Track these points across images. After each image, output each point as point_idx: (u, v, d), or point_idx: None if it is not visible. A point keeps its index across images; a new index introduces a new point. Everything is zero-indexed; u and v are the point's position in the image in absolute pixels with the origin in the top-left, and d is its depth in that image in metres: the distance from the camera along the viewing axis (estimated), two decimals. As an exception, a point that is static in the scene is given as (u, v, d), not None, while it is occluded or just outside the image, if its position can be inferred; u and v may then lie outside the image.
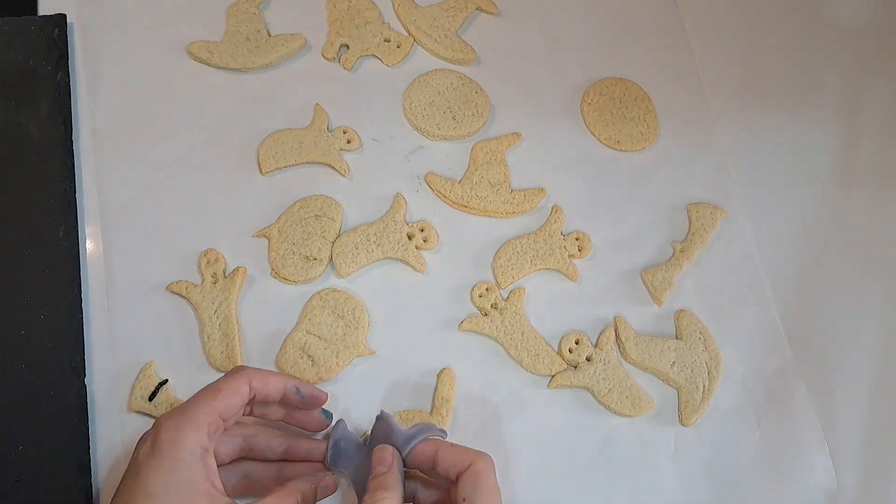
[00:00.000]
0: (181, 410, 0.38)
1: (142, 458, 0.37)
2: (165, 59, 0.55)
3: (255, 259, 0.51)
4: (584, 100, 0.57)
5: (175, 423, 0.37)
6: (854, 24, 0.62)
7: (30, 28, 0.54)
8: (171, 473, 0.36)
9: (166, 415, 0.38)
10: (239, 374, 0.41)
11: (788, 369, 0.51)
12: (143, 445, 0.37)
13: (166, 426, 0.37)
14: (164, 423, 0.37)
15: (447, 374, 0.48)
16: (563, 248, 0.52)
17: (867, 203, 0.56)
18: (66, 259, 0.49)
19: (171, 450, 0.36)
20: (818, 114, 0.59)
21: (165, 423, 0.37)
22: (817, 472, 0.49)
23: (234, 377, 0.40)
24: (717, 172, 0.56)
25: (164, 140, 0.53)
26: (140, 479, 0.36)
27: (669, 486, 0.48)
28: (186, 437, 0.37)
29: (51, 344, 0.47)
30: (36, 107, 0.52)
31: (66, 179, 0.51)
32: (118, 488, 0.37)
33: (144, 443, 0.38)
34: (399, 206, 0.52)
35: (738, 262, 0.53)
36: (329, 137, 0.54)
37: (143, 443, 0.38)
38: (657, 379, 0.50)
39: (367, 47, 0.57)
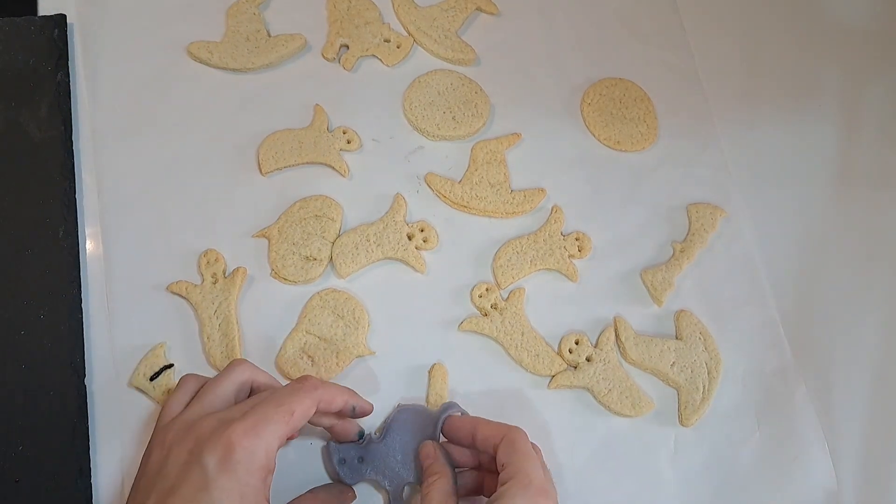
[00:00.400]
0: (255, 430, 0.37)
1: (212, 470, 0.36)
2: (165, 59, 0.55)
3: (254, 259, 0.51)
4: (584, 100, 0.57)
5: (250, 444, 0.36)
6: (854, 24, 0.62)
7: (30, 28, 0.54)
8: (241, 498, 0.36)
9: (239, 429, 0.37)
10: (311, 392, 0.40)
11: (788, 369, 0.51)
12: (210, 452, 0.36)
13: (242, 446, 0.36)
14: (240, 441, 0.36)
15: (438, 370, 0.48)
16: (562, 248, 0.52)
17: (867, 203, 0.56)
18: (65, 259, 0.49)
19: (245, 473, 0.36)
20: (818, 114, 0.59)
21: (241, 443, 0.36)
22: (817, 472, 0.49)
23: (307, 396, 0.40)
24: (717, 172, 0.56)
25: (164, 140, 0.53)
26: (211, 496, 0.35)
27: (669, 486, 0.48)
28: (260, 462, 0.37)
29: (51, 344, 0.47)
30: (36, 107, 0.52)
31: (66, 179, 0.51)
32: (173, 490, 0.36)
33: (211, 451, 0.36)
34: (399, 206, 0.52)
35: (738, 263, 0.53)
36: (329, 138, 0.54)
37: (209, 449, 0.36)
38: (657, 379, 0.50)
39: (367, 47, 0.57)
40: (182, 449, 0.37)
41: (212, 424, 0.38)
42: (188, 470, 0.36)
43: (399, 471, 0.44)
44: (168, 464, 0.37)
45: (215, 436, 0.37)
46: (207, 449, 0.36)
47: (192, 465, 0.36)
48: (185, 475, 0.36)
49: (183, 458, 0.37)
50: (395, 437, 0.45)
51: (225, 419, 0.38)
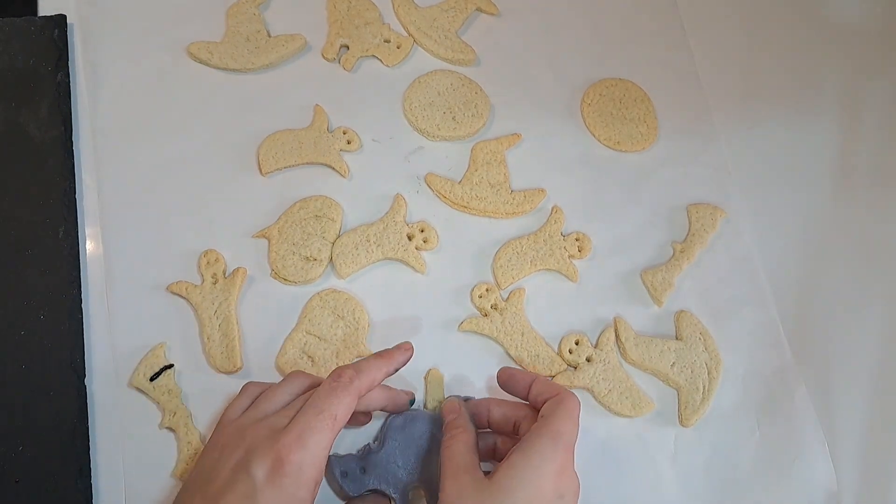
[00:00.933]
0: (301, 442, 0.38)
1: (260, 481, 0.37)
2: (165, 59, 0.55)
3: (255, 259, 0.51)
4: (584, 100, 0.57)
5: (298, 458, 0.37)
6: (854, 24, 0.62)
7: (30, 29, 0.54)
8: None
9: (287, 443, 0.37)
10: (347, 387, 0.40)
11: (788, 370, 0.51)
12: (259, 464, 0.37)
13: (291, 461, 0.37)
14: (288, 456, 0.37)
15: (434, 375, 0.48)
16: (563, 248, 0.52)
17: (867, 203, 0.56)
18: (66, 259, 0.49)
19: (292, 486, 0.37)
20: (818, 114, 0.59)
21: (290, 458, 0.37)
22: (817, 472, 0.49)
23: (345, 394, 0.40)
24: (717, 173, 0.56)
25: (164, 140, 0.53)
26: None
27: (669, 486, 0.48)
28: (306, 474, 0.37)
29: (51, 344, 0.47)
30: (36, 107, 0.52)
31: (66, 180, 0.51)
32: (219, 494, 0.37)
33: (260, 461, 0.37)
34: (399, 206, 0.52)
35: (737, 263, 0.53)
36: (329, 138, 0.54)
37: (258, 459, 0.37)
38: (657, 379, 0.50)
39: (367, 48, 0.57)
40: (232, 455, 0.38)
41: (262, 433, 0.38)
42: (236, 478, 0.37)
43: (402, 476, 0.44)
44: (218, 468, 0.38)
45: (264, 447, 0.38)
46: (256, 459, 0.37)
47: (240, 474, 0.37)
48: (233, 482, 0.37)
49: (232, 464, 0.38)
50: (393, 444, 0.45)
51: (274, 427, 0.39)
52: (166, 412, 0.46)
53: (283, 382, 0.43)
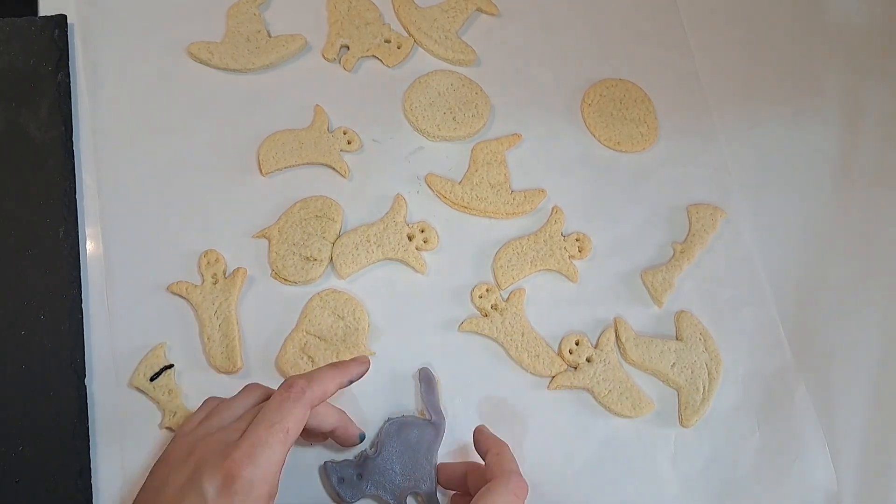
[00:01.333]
0: (251, 458, 0.36)
1: (210, 497, 0.36)
2: (166, 59, 0.55)
3: (255, 260, 0.51)
4: (585, 101, 0.57)
5: (249, 474, 0.36)
6: (854, 24, 0.62)
7: (30, 29, 0.54)
8: None
9: (237, 458, 0.36)
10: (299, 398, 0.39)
11: (788, 370, 0.51)
12: (209, 480, 0.36)
13: (241, 476, 0.36)
14: (237, 472, 0.36)
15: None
16: (563, 248, 0.52)
17: (867, 204, 0.56)
18: (66, 260, 0.49)
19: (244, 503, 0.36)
20: (818, 114, 0.59)
21: (240, 473, 0.36)
22: (817, 472, 0.49)
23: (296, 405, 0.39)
24: (717, 173, 0.56)
25: (165, 141, 0.53)
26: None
27: (669, 486, 0.48)
28: (258, 490, 0.36)
29: (51, 344, 0.47)
30: (36, 107, 0.52)
31: (67, 180, 0.51)
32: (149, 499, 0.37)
33: (211, 478, 0.36)
34: (399, 206, 0.52)
35: (738, 263, 0.53)
36: (329, 138, 0.54)
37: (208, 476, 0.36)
38: (657, 380, 0.50)
39: (368, 48, 0.57)
40: (182, 471, 0.37)
41: (212, 447, 0.37)
42: (185, 494, 0.36)
43: (399, 482, 0.44)
44: (168, 483, 0.37)
45: (214, 462, 0.36)
46: (206, 475, 0.36)
47: (190, 491, 0.36)
48: (182, 499, 0.36)
49: (181, 481, 0.37)
50: (390, 450, 0.45)
51: (225, 441, 0.38)
52: (166, 412, 0.46)
53: (239, 394, 0.42)
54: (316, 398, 0.40)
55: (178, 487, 0.37)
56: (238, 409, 0.41)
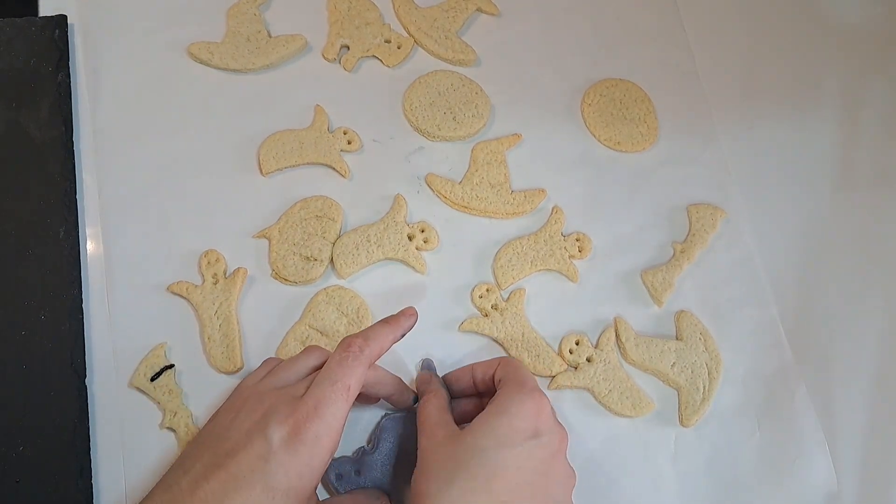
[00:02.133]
0: (318, 412, 0.38)
1: (276, 444, 0.37)
2: (166, 59, 0.55)
3: (255, 260, 0.51)
4: (585, 101, 0.57)
5: (315, 428, 0.38)
6: (854, 24, 0.62)
7: (30, 29, 0.54)
8: (298, 478, 0.37)
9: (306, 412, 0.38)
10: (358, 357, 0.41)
11: (789, 370, 0.51)
12: (277, 427, 0.37)
13: (307, 428, 0.37)
14: (303, 423, 0.38)
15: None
16: (563, 248, 0.52)
17: (868, 203, 0.56)
18: (66, 260, 0.49)
19: (307, 454, 0.37)
20: (818, 115, 0.59)
21: (306, 425, 0.38)
22: (817, 472, 0.49)
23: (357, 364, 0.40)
24: (718, 173, 0.56)
25: (165, 141, 0.53)
26: (270, 466, 0.37)
27: (670, 486, 0.48)
28: (323, 444, 0.38)
29: (51, 344, 0.47)
30: (36, 107, 0.52)
31: (67, 180, 0.51)
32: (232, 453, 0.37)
33: (279, 426, 0.38)
34: (400, 206, 0.52)
35: (738, 263, 0.54)
36: (329, 138, 0.54)
37: (276, 423, 0.38)
38: (657, 380, 0.50)
39: (368, 48, 0.57)
40: (249, 417, 0.39)
41: (280, 399, 0.39)
42: (251, 438, 0.38)
43: (396, 477, 0.44)
44: (233, 427, 0.39)
45: (283, 413, 0.38)
46: (274, 423, 0.38)
47: (256, 435, 0.38)
48: (248, 442, 0.37)
49: (248, 426, 0.38)
50: (387, 445, 0.45)
51: (292, 395, 0.39)
52: (167, 412, 0.46)
53: (301, 355, 0.44)
54: (374, 355, 0.42)
55: (246, 430, 0.38)
56: (301, 368, 0.42)
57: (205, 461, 0.38)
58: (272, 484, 0.36)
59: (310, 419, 0.38)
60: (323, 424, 0.38)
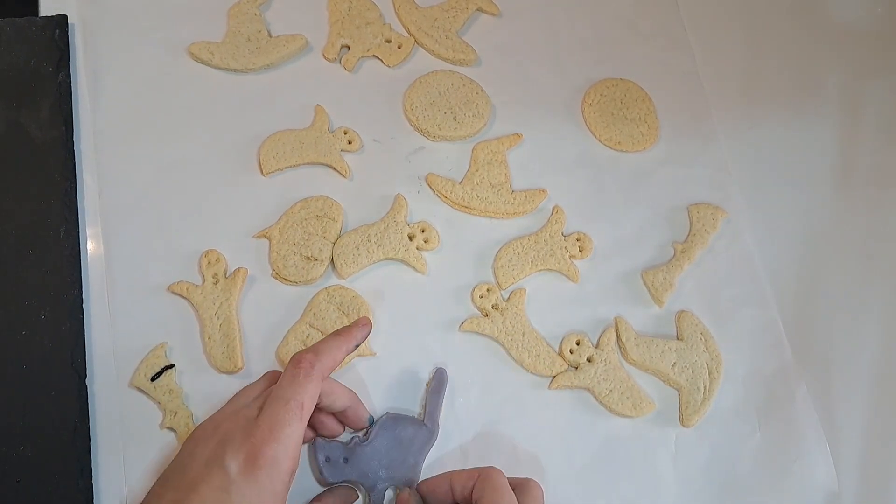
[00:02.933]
0: (274, 434, 0.37)
1: (234, 473, 0.37)
2: (166, 59, 0.55)
3: (255, 260, 0.51)
4: (585, 100, 0.57)
5: (272, 451, 0.37)
6: (855, 24, 0.62)
7: (31, 29, 0.54)
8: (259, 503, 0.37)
9: (261, 436, 0.37)
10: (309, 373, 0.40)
11: (789, 370, 0.51)
12: (232, 456, 0.37)
13: (264, 454, 0.37)
14: (260, 449, 0.37)
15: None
16: (563, 248, 0.52)
17: (868, 204, 0.56)
18: (66, 260, 0.49)
19: (267, 479, 0.37)
20: (819, 114, 0.59)
21: (263, 451, 0.37)
22: (818, 472, 0.49)
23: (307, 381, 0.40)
24: (718, 173, 0.56)
25: (165, 141, 0.53)
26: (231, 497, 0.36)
27: (670, 486, 0.48)
28: (281, 466, 0.37)
29: (52, 344, 0.47)
30: (37, 107, 0.52)
31: (67, 180, 0.51)
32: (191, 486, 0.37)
33: (235, 454, 0.37)
34: (400, 206, 0.52)
35: (738, 263, 0.54)
36: (330, 138, 0.54)
37: (232, 452, 0.37)
38: (658, 380, 0.50)
39: (368, 48, 0.57)
40: (206, 447, 0.38)
41: (235, 424, 0.39)
42: (210, 469, 0.37)
43: (381, 474, 0.44)
44: (192, 459, 0.38)
45: (237, 440, 0.38)
46: (230, 452, 0.37)
47: (214, 465, 0.37)
48: (208, 474, 0.37)
49: (206, 457, 0.38)
50: (380, 441, 0.45)
51: (246, 416, 0.39)
52: (167, 412, 0.46)
53: (259, 379, 0.44)
54: (326, 369, 0.41)
55: (204, 461, 0.38)
56: (256, 389, 0.43)
57: (167, 498, 0.37)
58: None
59: (265, 443, 0.37)
60: (280, 447, 0.37)
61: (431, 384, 0.48)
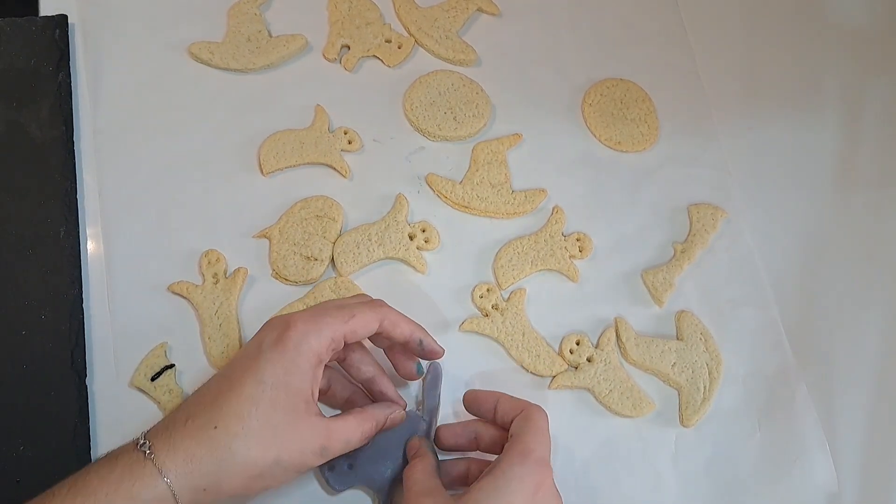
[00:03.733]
0: (314, 317, 0.40)
1: (266, 344, 0.39)
2: (166, 59, 0.55)
3: (256, 259, 0.51)
4: (585, 100, 0.57)
5: (306, 328, 0.39)
6: (855, 24, 0.62)
7: (31, 29, 0.54)
8: (286, 372, 0.38)
9: (299, 316, 0.40)
10: (376, 308, 0.42)
11: (789, 370, 0.51)
12: (269, 332, 0.40)
13: (297, 328, 0.39)
14: (296, 324, 0.39)
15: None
16: (563, 248, 0.52)
17: (868, 203, 0.56)
18: (67, 259, 0.49)
19: (295, 351, 0.39)
20: (819, 114, 0.59)
21: (297, 325, 0.39)
22: (818, 473, 0.49)
23: (371, 309, 0.42)
24: (718, 173, 0.56)
25: (165, 141, 0.53)
26: (259, 363, 0.38)
27: (670, 486, 0.48)
28: (311, 345, 0.39)
29: (52, 344, 0.47)
30: (37, 107, 0.52)
31: (67, 180, 0.51)
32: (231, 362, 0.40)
33: (271, 330, 0.40)
34: (401, 206, 0.52)
35: (738, 263, 0.53)
36: (330, 138, 0.54)
37: (269, 329, 0.40)
38: (658, 380, 0.50)
39: (368, 48, 0.57)
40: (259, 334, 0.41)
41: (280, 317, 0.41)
42: (251, 344, 0.40)
43: (387, 475, 0.44)
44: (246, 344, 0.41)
45: (279, 321, 0.40)
46: (269, 328, 0.40)
47: (254, 341, 0.40)
48: (247, 348, 0.40)
49: (254, 339, 0.40)
50: (383, 442, 0.44)
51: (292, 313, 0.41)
52: (167, 412, 0.46)
53: None
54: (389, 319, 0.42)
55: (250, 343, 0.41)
56: None
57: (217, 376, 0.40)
58: (260, 377, 0.38)
59: (302, 320, 0.39)
60: (313, 326, 0.39)
61: (427, 378, 0.47)
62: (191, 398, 0.40)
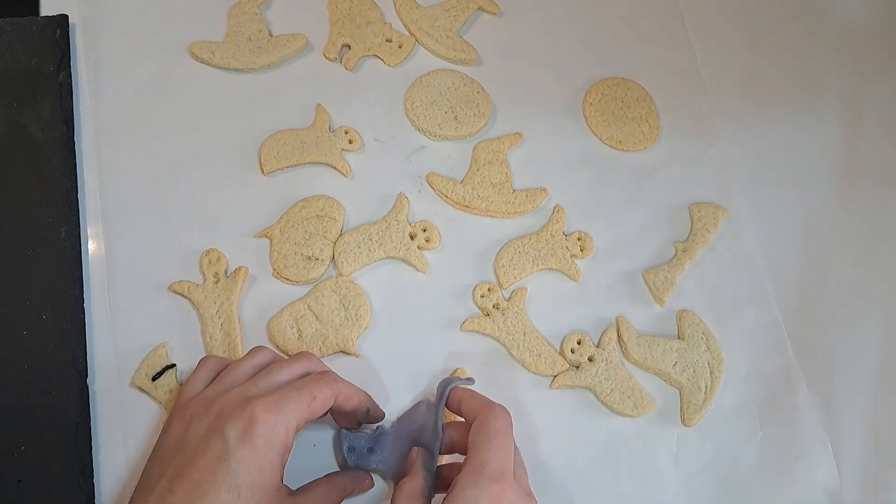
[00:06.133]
0: (277, 407, 0.38)
1: (232, 442, 0.37)
2: (167, 59, 0.55)
3: (256, 259, 0.51)
4: (586, 100, 0.57)
5: (273, 419, 0.38)
6: (855, 23, 0.62)
7: (32, 29, 0.54)
8: (259, 471, 0.37)
9: (261, 406, 0.38)
10: (331, 383, 0.41)
11: (791, 369, 0.51)
12: (232, 425, 0.37)
13: (264, 420, 0.37)
14: (262, 416, 0.38)
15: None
16: (564, 248, 0.52)
17: (869, 203, 0.56)
18: (67, 259, 0.49)
19: (266, 448, 0.37)
20: (820, 113, 0.59)
21: (263, 417, 0.38)
22: (820, 472, 0.49)
23: (327, 386, 0.41)
24: (719, 172, 0.56)
25: (166, 140, 0.53)
26: (230, 466, 0.37)
27: (671, 486, 0.48)
28: (279, 438, 0.38)
29: (53, 344, 0.47)
30: (38, 107, 0.52)
31: (68, 180, 0.51)
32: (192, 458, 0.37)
33: (234, 423, 0.37)
34: (402, 205, 0.52)
35: (740, 262, 0.53)
36: (331, 137, 0.54)
37: (231, 421, 0.38)
38: (659, 379, 0.50)
39: (369, 47, 0.57)
40: (203, 422, 0.38)
41: (234, 399, 0.39)
42: (208, 441, 0.38)
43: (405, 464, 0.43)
44: (188, 436, 0.38)
45: (237, 410, 0.38)
46: (229, 422, 0.38)
47: (213, 437, 0.38)
48: (206, 446, 0.37)
49: (203, 431, 0.38)
50: (404, 430, 0.45)
51: (247, 394, 0.39)
52: (168, 412, 0.46)
53: (247, 356, 0.44)
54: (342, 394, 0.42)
55: (202, 436, 0.38)
56: (247, 368, 0.43)
57: (168, 475, 0.38)
58: (235, 482, 0.36)
59: (267, 410, 0.38)
60: (280, 417, 0.38)
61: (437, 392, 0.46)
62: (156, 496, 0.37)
